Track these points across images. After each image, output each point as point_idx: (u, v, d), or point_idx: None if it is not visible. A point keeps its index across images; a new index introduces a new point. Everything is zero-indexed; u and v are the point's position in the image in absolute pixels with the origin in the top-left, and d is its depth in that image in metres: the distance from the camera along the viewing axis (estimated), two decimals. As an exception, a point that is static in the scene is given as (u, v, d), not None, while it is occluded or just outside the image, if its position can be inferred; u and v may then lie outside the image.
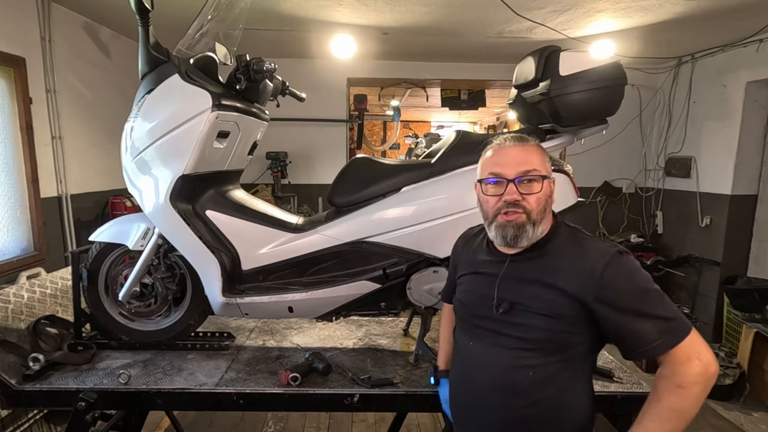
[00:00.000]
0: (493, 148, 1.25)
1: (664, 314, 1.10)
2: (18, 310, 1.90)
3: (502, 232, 1.18)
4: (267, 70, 1.75)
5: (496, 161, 1.21)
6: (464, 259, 1.39)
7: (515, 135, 1.25)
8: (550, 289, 1.15)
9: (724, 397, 3.39)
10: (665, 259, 4.62)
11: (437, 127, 10.99)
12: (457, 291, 1.37)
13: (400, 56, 4.81)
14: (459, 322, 1.37)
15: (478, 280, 1.30)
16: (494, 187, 1.20)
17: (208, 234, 1.79)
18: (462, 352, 1.33)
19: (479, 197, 1.25)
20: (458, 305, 1.36)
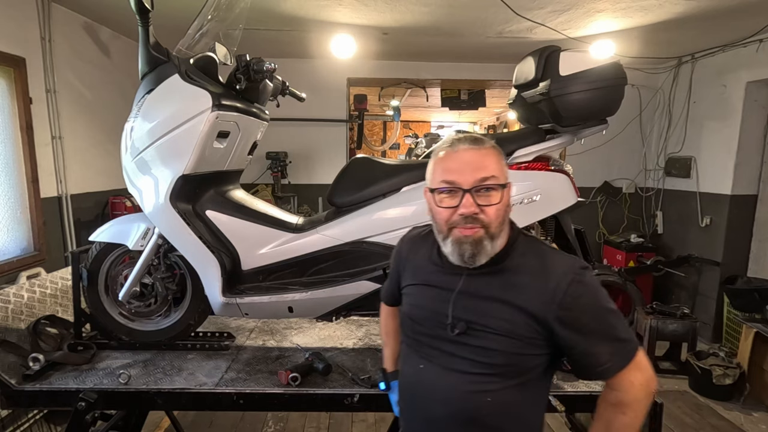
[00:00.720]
0: (444, 150, 1.09)
1: (621, 335, 1.04)
2: (18, 310, 1.90)
3: (459, 249, 1.05)
4: (267, 70, 1.75)
5: (448, 167, 1.06)
6: (411, 266, 1.24)
7: (469, 136, 1.11)
8: (510, 308, 1.05)
9: (724, 397, 3.39)
10: (665, 259, 4.62)
11: (437, 127, 10.98)
12: (404, 303, 1.23)
13: (400, 56, 4.81)
14: (407, 340, 1.22)
15: (428, 293, 1.16)
16: (448, 198, 1.05)
17: (208, 234, 1.79)
18: (411, 376, 1.18)
19: (431, 208, 1.10)
20: (405, 320, 1.21)
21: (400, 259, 1.29)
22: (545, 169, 1.78)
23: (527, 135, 1.82)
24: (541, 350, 1.07)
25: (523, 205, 1.76)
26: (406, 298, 1.23)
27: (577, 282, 1.04)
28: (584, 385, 1.76)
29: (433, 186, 1.08)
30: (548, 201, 1.77)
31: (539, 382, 1.11)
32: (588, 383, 1.78)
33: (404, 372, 1.23)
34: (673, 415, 3.20)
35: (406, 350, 1.24)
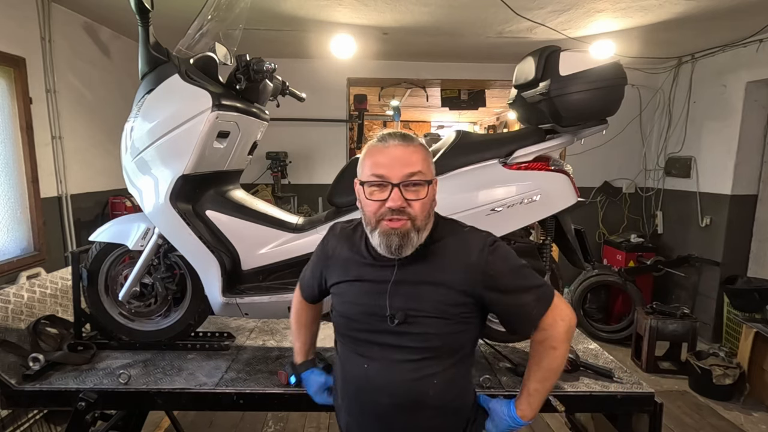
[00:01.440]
0: (374, 146, 1.14)
1: (538, 283, 1.17)
2: (18, 310, 1.90)
3: (386, 240, 1.10)
4: (267, 70, 1.75)
5: (378, 161, 1.11)
6: (339, 262, 1.24)
7: (399, 133, 1.15)
8: (442, 288, 1.14)
9: (724, 397, 3.39)
10: (665, 259, 4.62)
11: (437, 127, 10.99)
12: (336, 302, 1.23)
13: (400, 56, 4.81)
14: (342, 339, 1.23)
15: (361, 289, 1.19)
16: (378, 191, 1.11)
17: (208, 234, 1.79)
18: (355, 376, 1.20)
19: (361, 200, 1.15)
20: (340, 320, 1.22)
21: (326, 257, 1.28)
22: (545, 169, 1.78)
23: (527, 135, 1.82)
24: (469, 325, 1.18)
25: (523, 205, 1.76)
26: (337, 297, 1.23)
27: (493, 251, 1.16)
28: (584, 386, 1.76)
29: (364, 179, 1.13)
30: (548, 201, 1.77)
31: (469, 357, 1.24)
32: (588, 383, 1.78)
33: (346, 371, 1.23)
34: (673, 415, 3.19)
35: (343, 350, 1.24)
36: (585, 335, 2.30)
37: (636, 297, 4.31)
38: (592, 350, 2.09)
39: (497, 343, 2.05)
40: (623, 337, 4.36)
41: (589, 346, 2.14)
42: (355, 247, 1.23)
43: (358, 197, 1.17)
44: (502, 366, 1.90)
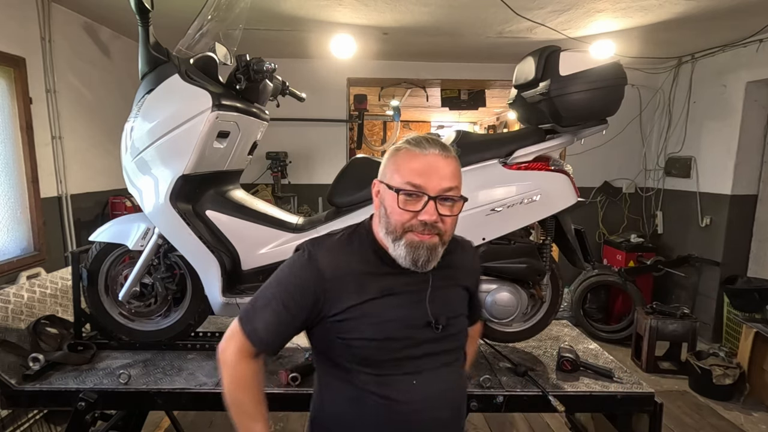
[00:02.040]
0: (410, 150, 1.04)
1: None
2: (18, 310, 1.89)
3: (414, 254, 1.02)
4: (267, 70, 1.75)
5: (417, 169, 1.01)
6: (350, 281, 1.06)
7: (437, 141, 1.06)
8: (460, 289, 1.19)
9: (724, 397, 3.39)
10: (665, 259, 4.62)
11: (437, 127, 10.98)
12: (351, 329, 1.05)
13: (400, 56, 4.81)
14: (370, 368, 1.05)
15: (395, 302, 1.07)
16: (410, 201, 1.01)
17: (208, 234, 1.79)
18: (404, 402, 1.05)
19: (386, 205, 1.04)
20: (367, 346, 1.05)
21: (322, 280, 1.05)
22: (545, 169, 1.78)
23: (527, 135, 1.82)
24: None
25: (523, 205, 1.76)
26: (355, 321, 1.05)
27: (477, 252, 1.32)
28: (584, 386, 1.76)
29: (398, 186, 1.02)
30: (548, 201, 1.77)
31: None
32: (588, 383, 1.78)
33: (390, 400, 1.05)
34: (673, 415, 3.19)
35: (370, 379, 1.05)
36: (585, 335, 2.31)
37: (636, 297, 4.31)
38: (592, 350, 2.10)
39: (497, 343, 2.05)
40: (623, 337, 4.36)
41: (589, 346, 2.14)
42: (366, 258, 1.09)
43: (383, 202, 1.06)
44: (502, 366, 1.90)
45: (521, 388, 1.72)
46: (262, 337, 1.07)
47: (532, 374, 1.79)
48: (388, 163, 1.07)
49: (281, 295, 1.08)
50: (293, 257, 1.13)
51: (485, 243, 1.78)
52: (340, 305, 1.05)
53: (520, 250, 1.83)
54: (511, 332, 2.04)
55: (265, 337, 1.07)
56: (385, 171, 1.07)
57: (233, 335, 1.09)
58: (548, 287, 1.98)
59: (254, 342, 1.07)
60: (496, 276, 1.84)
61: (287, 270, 1.12)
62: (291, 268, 1.11)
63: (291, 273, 1.10)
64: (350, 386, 1.07)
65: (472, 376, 1.78)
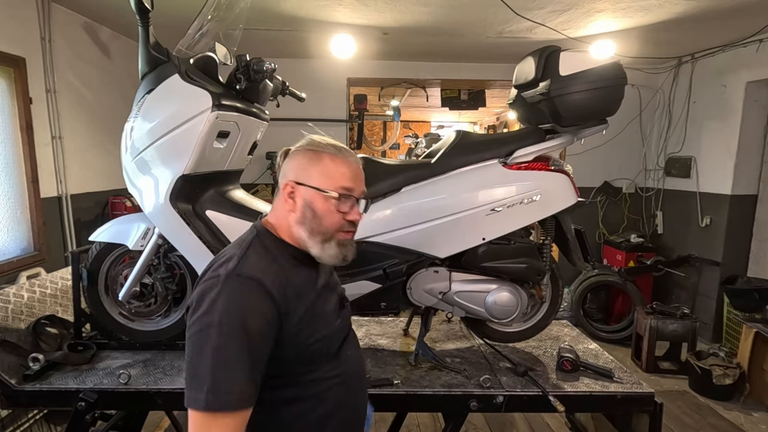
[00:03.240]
0: (338, 157, 1.11)
1: None
2: (18, 310, 1.89)
3: (344, 251, 1.11)
4: (267, 70, 1.75)
5: (347, 175, 1.10)
6: (294, 294, 1.05)
7: (350, 150, 1.15)
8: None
9: (724, 397, 3.39)
10: (665, 259, 4.62)
11: (437, 127, 10.98)
12: (306, 335, 1.05)
13: (400, 56, 4.81)
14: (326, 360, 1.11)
15: (325, 296, 1.16)
16: (341, 203, 1.09)
17: (208, 234, 1.79)
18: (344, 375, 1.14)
19: (317, 208, 1.08)
20: (323, 344, 1.09)
21: (275, 305, 1.00)
22: (545, 169, 1.78)
23: (527, 135, 1.82)
24: None
25: (523, 205, 1.76)
26: (308, 327, 1.05)
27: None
28: (584, 386, 1.76)
29: (337, 191, 1.08)
30: (548, 201, 1.77)
31: None
32: (588, 383, 1.78)
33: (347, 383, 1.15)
34: (673, 415, 3.19)
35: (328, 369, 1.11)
36: (585, 335, 2.30)
37: (636, 297, 4.31)
38: (592, 350, 2.10)
39: (497, 343, 2.05)
40: (623, 337, 4.36)
41: (589, 346, 2.14)
42: (289, 264, 1.10)
43: (309, 206, 1.08)
44: (502, 366, 1.90)
45: (521, 388, 1.72)
46: (245, 393, 0.94)
47: (532, 374, 1.79)
48: (312, 166, 1.10)
49: (240, 341, 0.94)
50: (227, 293, 0.97)
51: (485, 243, 1.78)
52: (293, 319, 1.03)
53: (520, 250, 1.83)
54: (511, 332, 2.04)
55: (248, 389, 0.94)
56: (311, 174, 1.09)
57: (207, 428, 0.91)
58: (548, 287, 1.98)
59: (244, 405, 0.94)
60: (496, 276, 1.84)
61: (230, 309, 0.95)
62: (235, 305, 0.96)
63: (240, 310, 0.95)
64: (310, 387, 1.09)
65: (471, 376, 1.79)
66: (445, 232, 1.77)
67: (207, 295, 0.97)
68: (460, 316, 1.92)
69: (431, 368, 1.87)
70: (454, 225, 1.76)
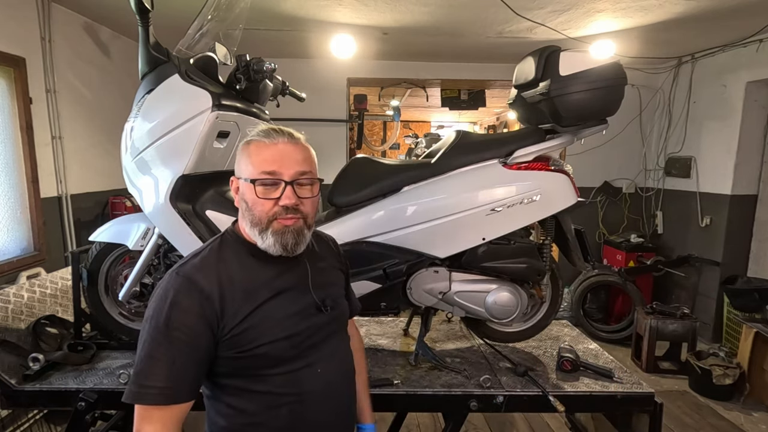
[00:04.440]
0: (259, 141, 1.07)
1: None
2: (18, 310, 1.90)
3: (282, 239, 1.05)
4: (267, 70, 1.75)
5: (269, 158, 1.04)
6: (238, 295, 1.03)
7: (285, 130, 1.10)
8: (336, 270, 1.27)
9: (724, 397, 3.39)
10: (665, 259, 4.62)
11: (437, 127, 10.98)
12: (252, 338, 1.02)
13: (400, 56, 4.81)
14: (277, 368, 1.06)
15: (287, 297, 1.09)
16: (269, 189, 1.04)
17: (208, 234, 1.79)
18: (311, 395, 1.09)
19: (246, 199, 1.06)
20: (280, 346, 1.05)
21: (210, 304, 1.00)
22: (545, 169, 1.78)
23: (527, 135, 1.82)
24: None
25: (523, 205, 1.76)
26: (254, 330, 1.03)
27: (335, 240, 1.36)
28: (584, 386, 1.76)
29: (253, 177, 1.04)
30: (548, 201, 1.77)
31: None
32: (588, 383, 1.78)
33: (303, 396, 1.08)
34: (673, 415, 3.19)
35: (278, 381, 1.06)
36: (585, 335, 2.31)
37: (636, 297, 4.31)
38: (592, 350, 2.10)
39: (497, 343, 2.05)
40: (623, 337, 4.36)
41: (589, 346, 2.14)
42: (244, 264, 1.08)
43: (242, 198, 1.08)
44: (502, 366, 1.90)
45: (521, 388, 1.73)
46: (168, 388, 0.96)
47: (532, 374, 1.80)
48: (241, 157, 1.09)
49: (166, 336, 0.96)
50: (163, 292, 1.00)
51: (485, 243, 1.78)
52: (235, 319, 1.02)
53: (520, 250, 1.83)
54: (511, 332, 2.04)
55: (174, 384, 0.96)
56: (240, 166, 1.09)
57: (139, 418, 0.97)
58: (548, 287, 1.98)
59: (167, 401, 0.96)
60: (496, 276, 1.84)
61: (161, 305, 0.98)
62: (165, 302, 0.98)
63: (169, 306, 0.98)
64: (259, 398, 1.06)
65: (471, 376, 1.79)
66: (445, 232, 1.77)
67: (154, 291, 1.04)
68: (460, 316, 1.92)
69: (431, 368, 1.87)
70: (454, 225, 1.76)
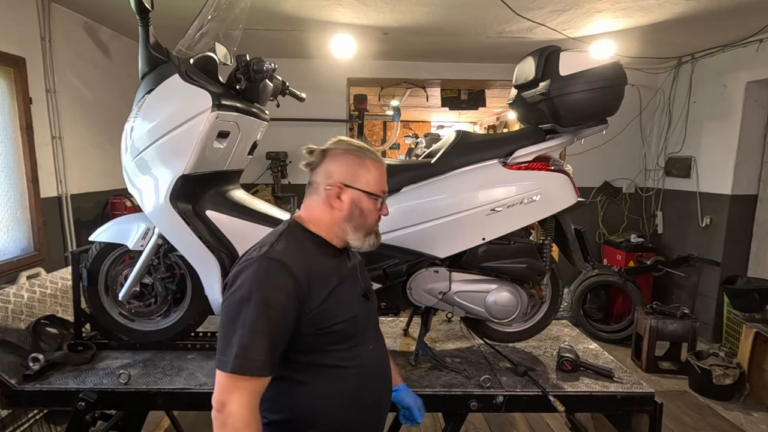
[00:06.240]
0: (377, 163, 1.26)
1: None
2: (18, 310, 1.89)
3: (378, 239, 1.28)
4: (267, 70, 1.75)
5: (381, 179, 1.26)
6: (319, 279, 1.16)
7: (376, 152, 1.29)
8: (363, 265, 1.39)
9: (724, 397, 3.39)
10: (665, 259, 4.62)
11: (437, 127, 10.98)
12: (330, 317, 1.16)
13: (400, 56, 4.81)
14: (345, 343, 1.20)
15: (348, 284, 1.25)
16: (377, 202, 1.26)
17: (208, 234, 1.79)
18: (374, 371, 1.28)
19: (364, 209, 1.23)
20: (347, 325, 1.19)
21: (299, 283, 1.11)
22: (545, 169, 1.78)
23: (527, 135, 1.82)
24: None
25: (523, 205, 1.76)
26: (331, 310, 1.16)
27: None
28: (584, 386, 1.76)
29: (376, 193, 1.24)
30: (548, 201, 1.77)
31: None
32: (588, 383, 1.78)
33: (365, 371, 1.25)
34: (673, 415, 3.20)
35: (345, 355, 1.20)
36: (585, 335, 2.31)
37: (636, 297, 4.31)
38: (592, 350, 2.10)
39: (497, 343, 2.05)
40: (623, 337, 4.36)
41: (589, 346, 2.14)
42: (314, 252, 1.21)
43: (357, 205, 1.22)
44: (502, 366, 1.90)
45: (521, 388, 1.72)
46: (266, 362, 1.07)
47: (532, 374, 1.79)
48: (358, 169, 1.22)
49: (265, 314, 1.07)
50: (254, 274, 1.10)
51: (485, 243, 1.78)
52: (318, 300, 1.15)
53: (520, 250, 1.83)
54: (511, 332, 2.04)
55: (269, 359, 1.07)
56: (358, 179, 1.22)
57: (230, 388, 1.05)
58: (548, 287, 1.98)
59: (264, 373, 1.07)
60: (496, 276, 1.84)
61: (258, 286, 1.08)
62: (262, 283, 1.09)
63: (266, 286, 1.08)
64: (328, 371, 1.19)
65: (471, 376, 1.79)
66: (445, 232, 1.77)
67: (240, 275, 1.11)
68: (460, 316, 1.92)
69: (431, 368, 1.87)
70: (454, 225, 1.76)
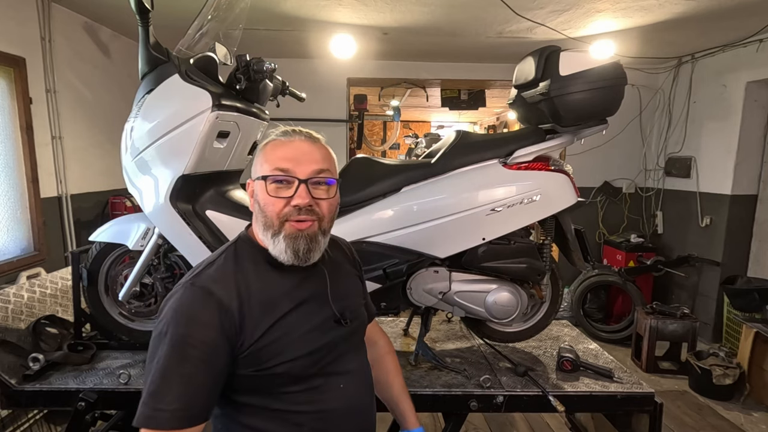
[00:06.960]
0: (276, 139, 1.03)
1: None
2: (18, 310, 1.90)
3: (293, 244, 0.98)
4: (267, 70, 1.75)
5: (283, 155, 0.99)
6: (257, 308, 0.96)
7: (303, 130, 1.06)
8: (354, 278, 1.21)
9: (724, 397, 3.39)
10: (665, 259, 4.62)
11: (437, 127, 10.98)
12: (273, 354, 0.95)
13: (400, 56, 4.81)
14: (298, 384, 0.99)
15: (307, 310, 1.01)
16: (281, 188, 0.98)
17: (208, 234, 1.79)
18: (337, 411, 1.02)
19: (259, 199, 1.01)
20: (300, 364, 0.98)
21: (228, 316, 0.92)
22: (545, 169, 1.78)
23: (527, 135, 1.82)
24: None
25: (523, 205, 1.76)
26: (275, 345, 0.96)
27: (348, 243, 1.29)
28: (584, 386, 1.76)
29: (265, 173, 0.99)
30: (548, 201, 1.77)
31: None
32: (588, 383, 1.78)
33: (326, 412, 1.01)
34: (673, 415, 3.19)
35: (300, 398, 0.99)
36: (585, 335, 2.30)
37: (636, 297, 4.31)
38: (592, 350, 2.10)
39: (497, 343, 2.05)
40: (623, 337, 4.36)
41: (589, 346, 2.14)
42: (261, 272, 1.01)
43: (255, 197, 1.02)
44: (502, 366, 1.90)
45: (521, 388, 1.73)
46: (182, 413, 0.87)
47: (532, 374, 1.80)
48: (257, 158, 1.04)
49: (181, 354, 0.88)
50: (176, 305, 0.92)
51: (485, 243, 1.78)
52: (255, 334, 0.94)
53: (520, 250, 1.83)
54: (511, 332, 2.04)
55: (187, 409, 0.87)
56: (255, 166, 1.05)
57: None
58: (548, 287, 1.98)
59: (178, 425, 0.87)
60: (496, 276, 1.84)
61: (176, 320, 0.90)
62: (182, 317, 0.90)
63: (186, 321, 0.90)
64: (278, 416, 0.98)
65: (471, 376, 1.79)
66: (445, 232, 1.77)
67: (166, 303, 0.95)
68: (460, 316, 1.92)
69: (431, 368, 1.87)
70: (454, 225, 1.76)
